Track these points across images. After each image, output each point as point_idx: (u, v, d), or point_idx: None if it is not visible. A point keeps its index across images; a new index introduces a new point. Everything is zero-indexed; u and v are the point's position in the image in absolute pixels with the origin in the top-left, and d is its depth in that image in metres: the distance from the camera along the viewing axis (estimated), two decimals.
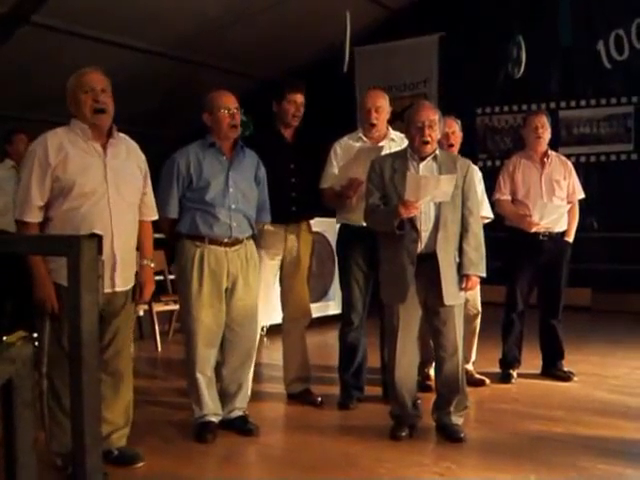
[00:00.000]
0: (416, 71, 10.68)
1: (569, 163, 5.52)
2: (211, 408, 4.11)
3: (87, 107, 3.37)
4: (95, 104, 3.37)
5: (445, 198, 3.86)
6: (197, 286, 4.00)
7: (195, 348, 4.05)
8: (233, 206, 4.04)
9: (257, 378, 4.56)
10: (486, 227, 5.14)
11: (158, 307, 7.00)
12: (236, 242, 4.07)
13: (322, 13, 9.37)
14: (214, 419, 4.12)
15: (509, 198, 5.42)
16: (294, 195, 4.65)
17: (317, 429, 4.29)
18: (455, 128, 5.09)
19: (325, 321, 6.99)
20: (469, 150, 5.48)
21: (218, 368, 4.21)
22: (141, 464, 3.63)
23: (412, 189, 3.78)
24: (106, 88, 3.44)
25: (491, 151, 10.23)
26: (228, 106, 4.05)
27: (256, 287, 4.22)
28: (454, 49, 10.19)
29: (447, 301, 3.92)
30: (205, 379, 4.09)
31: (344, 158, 4.68)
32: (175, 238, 4.12)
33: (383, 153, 4.37)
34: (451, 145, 5.03)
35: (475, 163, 5.35)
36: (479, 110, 10.34)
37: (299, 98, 4.73)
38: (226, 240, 4.04)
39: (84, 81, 3.40)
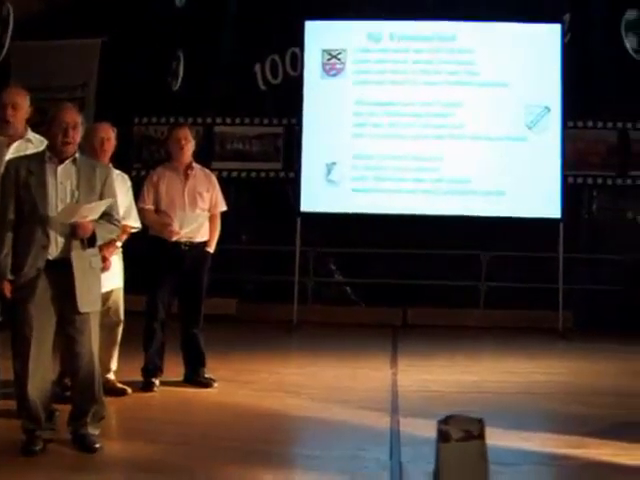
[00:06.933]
0: (75, 74, 10.33)
1: (213, 176, 5.73)
2: None
3: None
4: None
5: (95, 217, 3.92)
6: None
7: None
8: None
9: None
10: (131, 237, 5.18)
11: None
12: None
13: None
14: None
15: (152, 207, 5.48)
16: None
17: None
18: (111, 135, 5.05)
19: None
20: (124, 159, 5.45)
21: None
22: None
23: (68, 212, 3.83)
24: None
25: (147, 161, 10.16)
26: None
27: None
28: (116, 55, 9.99)
29: (82, 308, 3.90)
30: None
31: None
32: None
33: (19, 154, 4.25)
34: (104, 151, 4.97)
35: (129, 172, 5.35)
36: (137, 119, 10.30)
37: None
38: None
39: None
